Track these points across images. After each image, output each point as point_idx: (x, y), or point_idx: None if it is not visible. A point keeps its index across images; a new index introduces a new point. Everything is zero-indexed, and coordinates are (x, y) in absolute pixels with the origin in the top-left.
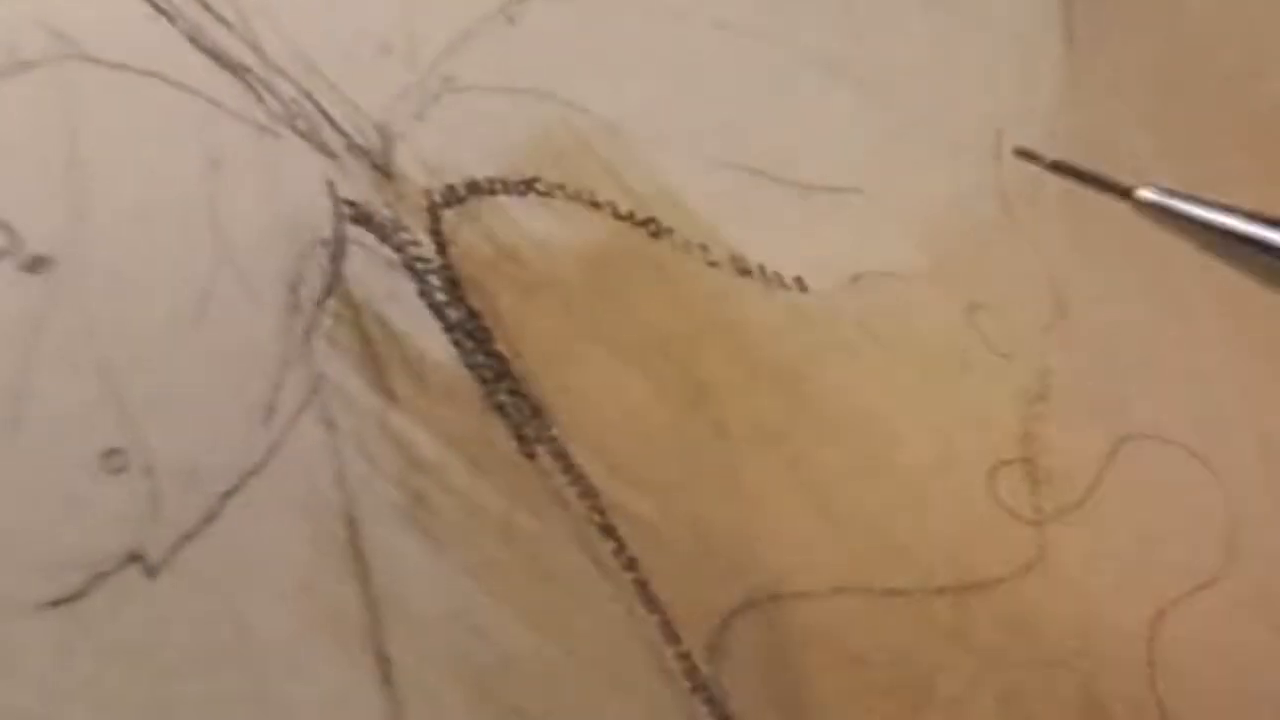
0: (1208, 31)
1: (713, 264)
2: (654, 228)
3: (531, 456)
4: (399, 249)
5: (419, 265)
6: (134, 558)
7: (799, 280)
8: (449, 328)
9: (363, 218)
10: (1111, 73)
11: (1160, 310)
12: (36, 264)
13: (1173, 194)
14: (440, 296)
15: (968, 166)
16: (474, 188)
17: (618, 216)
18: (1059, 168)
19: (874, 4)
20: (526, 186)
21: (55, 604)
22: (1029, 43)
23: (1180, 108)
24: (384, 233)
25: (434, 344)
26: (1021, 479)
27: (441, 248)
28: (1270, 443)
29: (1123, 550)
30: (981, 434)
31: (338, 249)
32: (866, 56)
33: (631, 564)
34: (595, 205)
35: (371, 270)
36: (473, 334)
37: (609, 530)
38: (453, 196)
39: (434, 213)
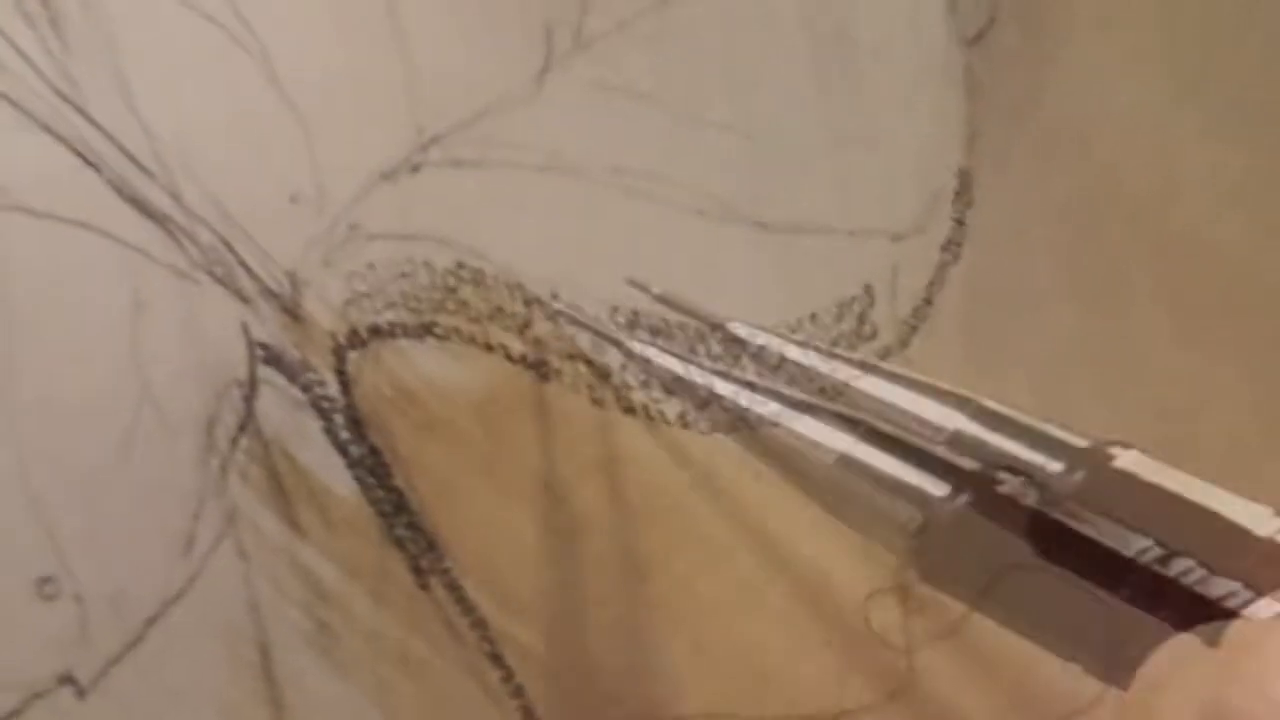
0: (1118, 160)
1: (597, 403)
2: (543, 370)
3: (426, 588)
4: (306, 389)
5: (325, 404)
6: (66, 679)
7: (681, 417)
8: (352, 464)
9: (274, 359)
10: (1014, 207)
11: None
12: None
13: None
14: (344, 434)
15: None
16: (376, 331)
17: (510, 359)
18: (662, 300)
19: (779, 145)
20: (425, 330)
21: None
22: (930, 180)
23: (1087, 238)
24: (293, 373)
25: (338, 479)
26: (895, 607)
27: (345, 388)
28: None
29: (997, 676)
30: (859, 564)
31: (251, 389)
32: (767, 197)
33: (518, 691)
34: (489, 348)
35: (281, 409)
36: (374, 470)
37: (497, 659)
38: (356, 339)
39: (339, 354)
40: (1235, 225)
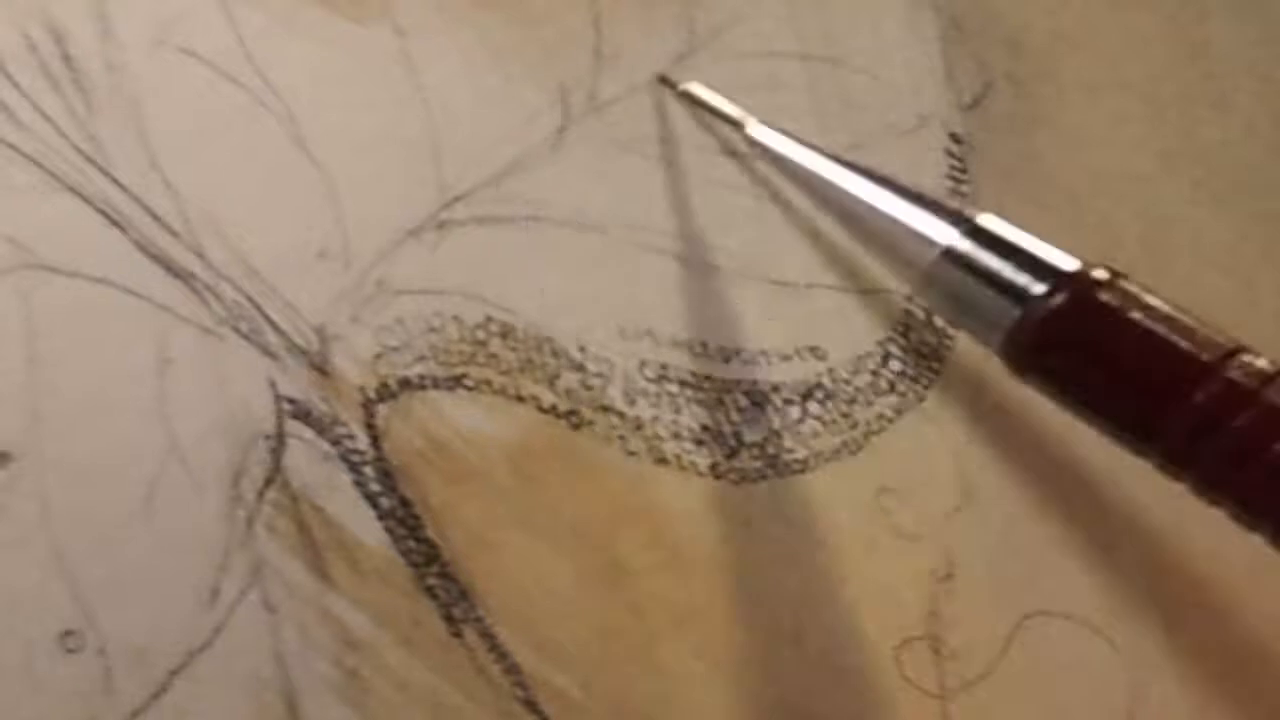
0: (1107, 222)
1: (631, 454)
2: (575, 420)
3: (459, 636)
4: (335, 442)
5: (354, 457)
6: None
7: (714, 468)
8: (382, 516)
9: (302, 413)
10: None
11: (1062, 491)
12: None
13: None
14: (374, 486)
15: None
16: (405, 384)
17: (541, 410)
18: (685, 95)
19: (779, 212)
20: (455, 382)
21: None
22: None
23: None
24: (322, 427)
25: (368, 531)
26: (927, 654)
27: (375, 441)
28: (1170, 616)
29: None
30: (888, 612)
31: (278, 443)
32: (779, 255)
33: None
34: (520, 399)
35: (310, 462)
36: (404, 521)
37: (532, 705)
38: (386, 393)
39: (368, 408)
40: (1224, 289)
